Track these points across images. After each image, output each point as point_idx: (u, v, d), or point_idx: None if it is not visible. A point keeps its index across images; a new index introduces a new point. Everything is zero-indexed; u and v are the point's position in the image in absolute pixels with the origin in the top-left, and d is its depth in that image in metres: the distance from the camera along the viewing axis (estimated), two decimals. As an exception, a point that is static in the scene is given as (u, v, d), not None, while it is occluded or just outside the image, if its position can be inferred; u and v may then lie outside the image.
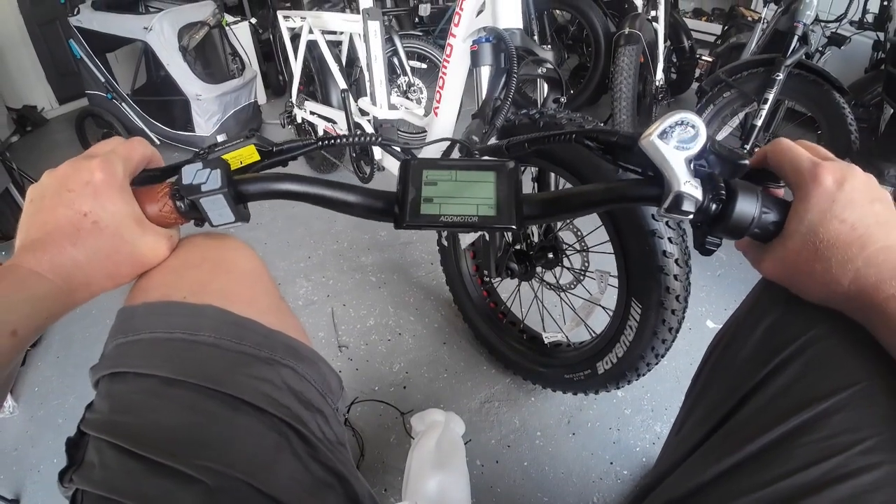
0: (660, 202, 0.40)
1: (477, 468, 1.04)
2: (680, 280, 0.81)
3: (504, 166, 0.44)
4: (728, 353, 0.48)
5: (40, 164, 2.67)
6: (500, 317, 1.22)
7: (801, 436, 0.35)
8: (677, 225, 0.82)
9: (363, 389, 1.20)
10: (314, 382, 0.44)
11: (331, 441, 0.43)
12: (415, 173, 0.44)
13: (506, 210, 0.43)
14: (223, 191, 0.40)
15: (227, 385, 0.38)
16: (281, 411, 0.39)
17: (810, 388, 0.37)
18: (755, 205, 0.38)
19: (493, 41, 0.91)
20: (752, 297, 0.50)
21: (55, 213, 0.38)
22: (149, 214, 0.41)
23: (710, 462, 0.40)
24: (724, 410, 0.43)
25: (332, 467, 0.42)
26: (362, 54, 1.50)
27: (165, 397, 0.36)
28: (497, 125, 0.79)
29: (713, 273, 1.59)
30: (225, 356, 0.39)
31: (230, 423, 0.37)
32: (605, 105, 2.69)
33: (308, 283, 1.56)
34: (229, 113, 2.44)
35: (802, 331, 0.40)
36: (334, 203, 0.44)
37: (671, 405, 1.15)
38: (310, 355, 0.46)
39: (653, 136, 0.39)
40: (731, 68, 1.76)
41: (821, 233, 0.36)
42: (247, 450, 0.37)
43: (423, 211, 0.42)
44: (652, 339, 0.85)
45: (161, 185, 0.42)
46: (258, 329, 0.42)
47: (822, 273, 0.36)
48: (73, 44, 2.41)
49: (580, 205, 0.44)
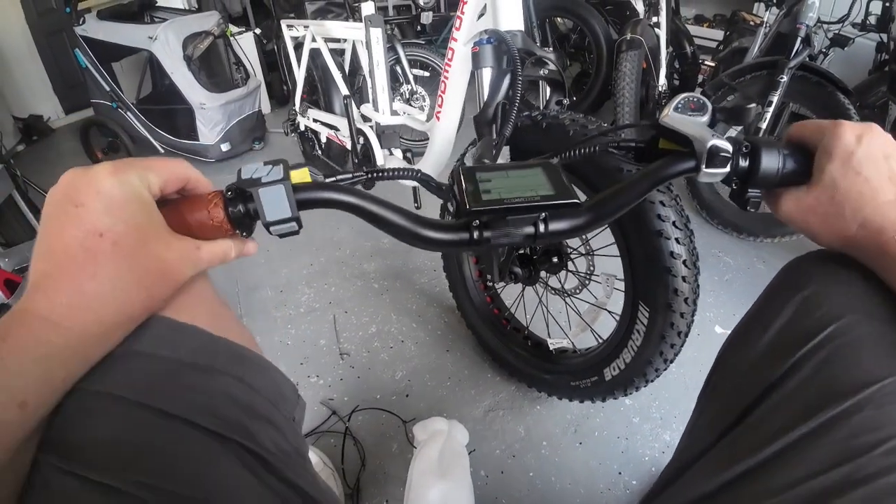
0: (696, 168, 0.43)
1: (481, 479, 1.01)
2: (688, 282, 0.79)
3: (548, 163, 0.47)
4: (741, 354, 0.47)
5: (46, 173, 2.69)
6: (503, 323, 1.20)
7: (821, 436, 0.35)
8: (684, 225, 0.80)
9: (365, 397, 1.18)
10: (262, 391, 0.41)
11: (286, 452, 0.41)
12: (467, 175, 0.46)
13: (563, 189, 0.44)
14: (285, 182, 0.38)
15: (161, 399, 0.35)
16: (221, 425, 0.36)
17: (829, 388, 0.36)
18: (778, 155, 0.42)
19: (494, 43, 0.91)
20: (764, 297, 0.49)
21: (63, 236, 0.32)
22: (190, 223, 0.37)
23: (726, 464, 0.39)
24: (735, 412, 0.42)
25: (288, 479, 0.40)
26: (365, 61, 1.50)
27: (98, 412, 0.33)
28: (507, 134, 0.77)
29: (721, 278, 1.56)
30: (160, 367, 0.36)
31: (168, 438, 0.34)
32: (607, 111, 2.68)
33: (310, 290, 1.55)
34: (233, 122, 2.45)
35: (817, 330, 0.39)
36: (388, 224, 0.43)
37: (680, 413, 1.13)
38: (258, 362, 0.43)
39: (669, 112, 0.45)
40: (735, 72, 1.75)
41: (839, 182, 0.40)
42: (189, 465, 0.35)
43: (485, 198, 0.43)
44: (660, 343, 0.83)
45: (209, 192, 0.39)
46: (198, 336, 0.39)
47: (835, 218, 0.40)
48: (79, 53, 2.43)
49: (634, 195, 0.45)
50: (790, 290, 0.44)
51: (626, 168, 0.75)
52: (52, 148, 3.28)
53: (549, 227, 0.43)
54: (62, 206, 0.33)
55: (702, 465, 0.43)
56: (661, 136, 0.48)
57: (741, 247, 1.71)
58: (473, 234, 0.43)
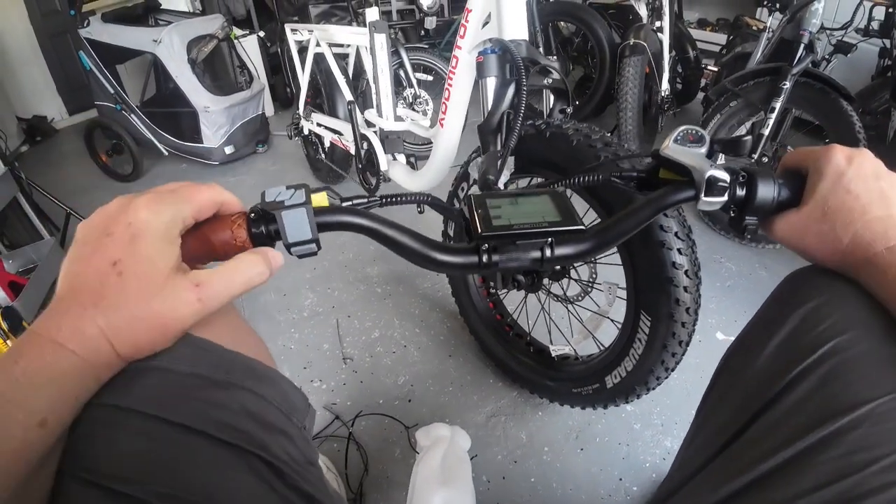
0: (696, 197, 0.45)
1: (483, 484, 1.02)
2: (690, 292, 0.79)
3: (554, 191, 0.50)
4: (741, 366, 0.47)
5: (49, 174, 2.70)
6: (506, 329, 1.21)
7: (818, 454, 0.35)
8: (686, 236, 0.80)
9: (367, 402, 1.19)
10: (275, 403, 0.42)
11: (298, 462, 0.42)
12: (478, 202, 0.48)
13: (569, 216, 0.47)
14: (307, 205, 0.39)
15: (179, 413, 0.36)
16: (238, 437, 0.37)
17: (827, 404, 0.37)
18: (773, 183, 0.44)
19: (498, 52, 0.91)
20: (765, 309, 0.50)
21: (90, 263, 0.33)
22: (214, 243, 0.38)
23: (724, 479, 0.40)
24: (737, 425, 0.42)
25: (300, 488, 0.41)
26: (369, 67, 1.51)
27: (118, 426, 0.34)
28: (511, 145, 0.78)
29: (722, 284, 1.57)
30: (177, 382, 0.37)
31: (186, 451, 0.35)
32: (609, 115, 2.69)
33: (313, 294, 1.55)
34: (237, 125, 2.46)
35: (818, 345, 0.40)
36: (402, 248, 0.44)
37: (681, 420, 1.13)
38: (269, 374, 0.44)
39: (670, 143, 0.48)
40: (738, 77, 1.76)
41: (830, 200, 0.42)
42: (207, 476, 0.35)
43: (495, 223, 0.45)
44: (662, 352, 0.84)
45: (234, 213, 0.40)
46: (214, 350, 0.40)
47: (827, 233, 0.42)
48: (83, 56, 2.44)
49: (635, 223, 0.47)
50: (792, 303, 0.44)
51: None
52: (56, 149, 3.29)
53: (556, 252, 0.45)
54: (96, 233, 0.34)
55: (704, 477, 0.44)
56: (661, 167, 0.50)
57: (743, 253, 1.71)
58: (482, 258, 0.44)
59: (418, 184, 1.38)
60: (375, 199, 0.47)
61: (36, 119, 3.42)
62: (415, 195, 0.51)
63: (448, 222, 1.20)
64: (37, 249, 1.90)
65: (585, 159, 0.83)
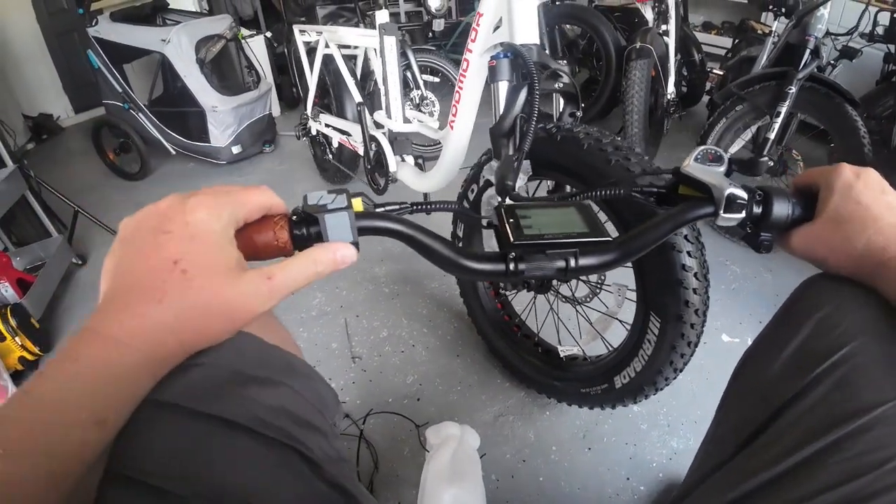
0: (714, 213, 0.47)
1: (492, 482, 1.03)
2: (699, 293, 0.81)
3: (581, 203, 0.52)
4: (757, 371, 0.48)
5: (56, 172, 2.71)
6: (514, 330, 1.22)
7: (833, 454, 0.37)
8: (696, 238, 0.82)
9: (377, 401, 1.20)
10: (310, 399, 0.43)
11: (331, 458, 0.42)
12: (509, 212, 0.50)
13: (596, 227, 0.48)
14: (349, 209, 0.40)
15: (221, 408, 0.36)
16: (277, 433, 0.38)
17: (842, 406, 0.38)
18: (787, 201, 0.47)
19: (510, 57, 0.93)
20: (779, 316, 0.51)
21: (148, 261, 0.33)
22: (256, 244, 0.39)
23: (740, 478, 0.41)
24: (754, 425, 0.44)
25: (337, 483, 0.41)
26: (378, 69, 1.52)
27: (159, 421, 0.34)
28: (525, 149, 0.80)
29: (727, 287, 1.58)
30: (220, 377, 0.37)
31: (227, 446, 0.36)
32: (615, 118, 2.70)
33: (321, 293, 1.57)
34: (245, 124, 2.47)
35: (831, 351, 0.41)
36: (433, 253, 0.46)
37: (687, 420, 1.14)
38: (305, 370, 0.45)
39: (690, 162, 0.50)
40: (743, 82, 1.76)
41: (841, 211, 0.44)
42: (247, 472, 0.36)
43: (527, 232, 0.47)
44: (670, 353, 0.85)
45: (276, 215, 0.41)
46: (255, 345, 0.41)
47: (841, 241, 0.44)
48: (91, 54, 2.46)
49: (657, 236, 0.49)
50: (806, 310, 0.46)
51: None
52: (62, 147, 3.31)
53: (580, 262, 0.47)
54: (152, 231, 0.34)
55: (721, 476, 0.45)
56: (681, 183, 0.52)
57: (748, 256, 1.72)
58: (510, 266, 0.46)
59: (427, 185, 1.40)
60: (407, 205, 0.49)
61: (42, 117, 3.44)
62: (444, 203, 0.53)
63: (457, 223, 1.21)
64: (45, 247, 1.92)
65: (596, 163, 0.84)
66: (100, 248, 2.00)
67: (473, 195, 1.10)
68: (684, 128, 2.74)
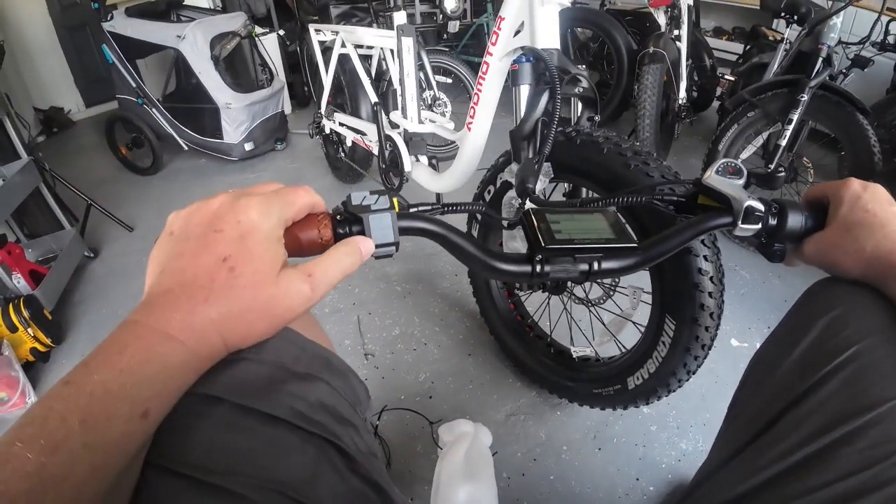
0: (733, 224, 0.50)
1: (503, 480, 1.04)
2: (714, 297, 0.82)
3: (607, 210, 0.54)
4: (769, 370, 0.50)
5: (67, 165, 2.73)
6: (526, 330, 1.23)
7: (841, 447, 0.39)
8: (712, 243, 0.83)
9: (389, 398, 1.22)
10: (345, 395, 0.44)
11: (364, 453, 0.43)
12: (538, 216, 0.52)
13: (622, 233, 0.50)
14: (391, 210, 0.42)
15: (265, 403, 0.37)
16: (316, 427, 0.39)
17: (850, 403, 0.40)
18: (801, 213, 0.50)
19: (532, 61, 0.94)
20: (790, 317, 0.53)
21: (197, 259, 0.34)
22: (301, 241, 0.40)
23: (752, 470, 0.43)
24: (765, 420, 0.46)
25: (370, 478, 0.42)
26: (394, 69, 1.53)
27: (204, 415, 0.34)
28: (546, 152, 0.81)
29: (736, 292, 1.59)
30: (264, 372, 0.38)
31: (270, 440, 0.36)
32: (625, 122, 2.71)
33: (334, 291, 1.58)
34: (257, 122, 2.49)
35: (841, 350, 0.43)
36: (465, 254, 0.48)
37: (696, 423, 1.15)
38: (341, 367, 0.46)
39: (712, 174, 0.53)
40: (755, 88, 1.77)
41: (850, 219, 0.47)
42: (289, 465, 0.36)
43: (558, 237, 0.49)
44: (684, 355, 0.87)
45: (320, 213, 0.42)
46: (296, 341, 0.42)
47: (851, 245, 0.46)
48: (106, 48, 2.48)
49: (677, 243, 0.52)
50: (816, 311, 0.48)
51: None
52: (73, 140, 3.33)
53: (603, 265, 0.49)
54: (204, 228, 0.35)
55: (732, 468, 0.47)
56: (700, 193, 0.55)
57: (757, 262, 1.73)
58: (536, 267, 0.48)
59: (441, 185, 1.41)
60: (438, 206, 0.51)
61: (53, 110, 3.46)
62: (472, 204, 0.55)
63: (472, 224, 1.23)
64: (57, 239, 1.94)
65: (615, 167, 0.86)
66: (111, 242, 2.02)
67: (490, 197, 1.11)
68: (694, 133, 2.75)
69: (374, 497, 0.43)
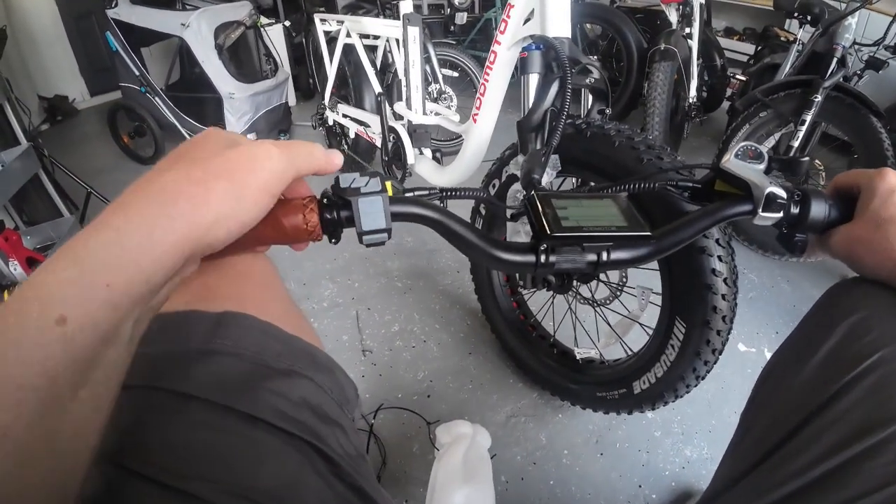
0: (753, 211, 0.46)
1: (501, 484, 1.01)
2: (727, 300, 0.78)
3: (618, 196, 0.50)
4: (786, 376, 0.47)
5: (70, 153, 2.71)
6: (529, 329, 1.20)
7: (865, 461, 0.36)
8: (727, 243, 0.79)
9: (386, 396, 1.18)
10: (331, 393, 0.42)
11: (350, 455, 0.41)
12: (544, 201, 0.48)
13: (634, 221, 0.46)
14: (383, 193, 0.39)
15: (243, 402, 0.34)
16: (298, 428, 0.36)
17: (875, 413, 0.37)
18: (825, 202, 0.46)
19: (542, 49, 0.90)
20: (809, 320, 0.50)
21: (204, 150, 0.31)
22: (285, 226, 0.37)
23: (768, 487, 0.40)
24: (781, 433, 0.42)
25: (354, 484, 0.40)
26: (399, 60, 1.50)
27: (177, 413, 0.32)
28: (555, 143, 0.78)
29: (745, 296, 1.55)
30: (243, 368, 0.36)
31: (248, 442, 0.34)
32: (634, 120, 2.67)
33: (333, 285, 1.55)
34: (261, 113, 2.46)
35: (864, 356, 0.40)
36: (464, 242, 0.44)
37: (701, 429, 1.12)
38: (327, 363, 0.44)
39: (731, 158, 0.49)
40: (768, 88, 1.74)
41: (883, 213, 0.43)
42: (267, 471, 0.34)
43: (565, 224, 0.45)
44: (694, 359, 0.83)
45: (305, 197, 0.39)
46: (278, 335, 0.40)
47: (880, 242, 0.42)
48: (110, 36, 2.45)
49: (693, 232, 0.48)
50: (837, 315, 0.45)
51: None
52: (77, 129, 3.31)
53: (612, 256, 0.45)
54: (222, 141, 0.32)
55: (748, 483, 0.44)
56: (718, 179, 0.51)
57: (766, 265, 1.69)
58: (540, 258, 0.44)
59: (445, 179, 1.38)
60: (436, 191, 0.47)
61: (57, 98, 3.44)
62: (472, 190, 0.51)
63: (476, 212, 1.19)
64: (56, 227, 1.91)
65: (627, 161, 0.82)
66: (111, 231, 1.99)
67: (495, 190, 1.08)
68: (703, 133, 2.71)
69: (357, 502, 0.40)
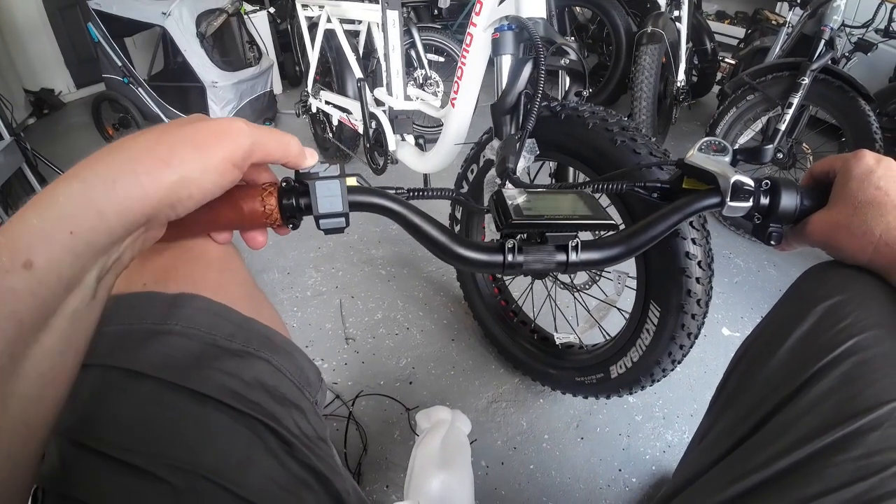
0: (721, 203, 0.46)
1: (482, 469, 1.01)
2: (702, 283, 0.78)
3: (583, 192, 0.50)
4: (757, 363, 0.46)
5: (56, 146, 2.68)
6: (510, 315, 1.19)
7: (834, 454, 0.34)
8: (701, 226, 0.79)
9: (369, 383, 1.18)
10: (290, 375, 0.42)
11: (309, 437, 0.41)
12: (508, 194, 0.47)
13: (600, 212, 0.45)
14: (340, 178, 0.39)
15: (193, 380, 0.35)
16: (250, 408, 0.36)
17: (846, 404, 0.35)
18: (796, 192, 0.46)
19: (515, 29, 0.89)
20: (783, 305, 0.48)
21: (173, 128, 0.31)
22: (243, 210, 0.37)
23: (736, 476, 0.39)
24: (751, 422, 0.41)
25: (309, 464, 0.40)
26: (380, 44, 1.48)
27: (127, 390, 0.33)
28: (529, 128, 0.76)
29: (730, 280, 1.55)
30: (194, 348, 0.36)
31: (197, 420, 0.34)
32: (623, 105, 2.65)
33: (317, 273, 1.54)
34: (245, 101, 2.44)
35: (838, 343, 0.38)
36: (426, 237, 0.43)
37: (683, 413, 1.12)
38: (285, 346, 0.43)
39: (694, 152, 0.49)
40: (756, 71, 1.72)
41: (860, 196, 0.41)
42: (216, 448, 0.34)
43: (526, 213, 0.44)
44: (670, 343, 0.83)
45: (265, 183, 0.39)
46: (232, 317, 0.40)
47: (859, 226, 0.41)
48: (92, 27, 2.41)
49: (663, 229, 0.47)
50: (812, 299, 0.43)
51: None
52: (63, 122, 3.27)
53: (581, 256, 0.44)
54: (199, 116, 0.33)
55: (716, 474, 0.42)
56: (685, 176, 0.51)
57: (753, 249, 1.69)
58: (507, 257, 0.43)
59: (427, 165, 1.36)
60: (403, 190, 0.46)
61: (43, 92, 3.39)
62: (441, 190, 0.50)
63: (455, 206, 1.19)
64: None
65: (601, 143, 0.81)
66: (95, 223, 1.98)
67: (473, 176, 1.07)
68: (693, 118, 2.69)
69: (315, 484, 0.40)
